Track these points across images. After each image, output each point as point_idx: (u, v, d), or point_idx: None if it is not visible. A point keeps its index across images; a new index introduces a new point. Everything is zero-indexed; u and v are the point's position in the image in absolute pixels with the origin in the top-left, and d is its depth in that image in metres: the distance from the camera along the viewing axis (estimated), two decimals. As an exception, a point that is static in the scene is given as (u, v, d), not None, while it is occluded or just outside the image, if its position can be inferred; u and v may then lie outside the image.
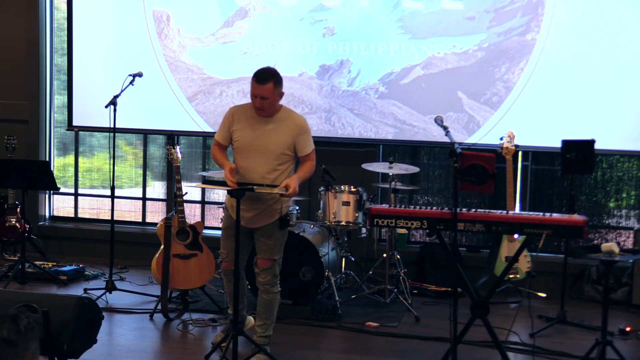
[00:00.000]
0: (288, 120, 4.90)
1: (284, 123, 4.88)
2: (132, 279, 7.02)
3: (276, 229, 4.93)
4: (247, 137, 4.87)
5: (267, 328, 5.03)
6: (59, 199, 8.41)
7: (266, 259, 4.95)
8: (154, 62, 7.56)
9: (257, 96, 4.77)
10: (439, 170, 7.44)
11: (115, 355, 5.14)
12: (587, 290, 6.73)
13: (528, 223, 4.53)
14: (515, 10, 6.86)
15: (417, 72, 7.08)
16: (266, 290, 4.99)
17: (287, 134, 4.85)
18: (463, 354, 4.89)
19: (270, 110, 4.84)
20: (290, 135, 4.85)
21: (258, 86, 4.75)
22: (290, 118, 4.93)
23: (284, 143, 4.84)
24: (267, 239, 4.93)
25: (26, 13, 7.91)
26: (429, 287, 6.80)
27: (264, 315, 5.02)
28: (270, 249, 4.95)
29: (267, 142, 4.83)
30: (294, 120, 4.92)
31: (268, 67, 4.94)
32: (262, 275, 4.97)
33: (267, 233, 4.92)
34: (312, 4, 7.23)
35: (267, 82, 4.75)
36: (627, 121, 6.74)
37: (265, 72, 4.81)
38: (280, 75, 4.88)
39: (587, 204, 7.18)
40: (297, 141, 4.87)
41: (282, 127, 4.86)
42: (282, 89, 4.88)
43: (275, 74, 4.85)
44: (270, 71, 4.86)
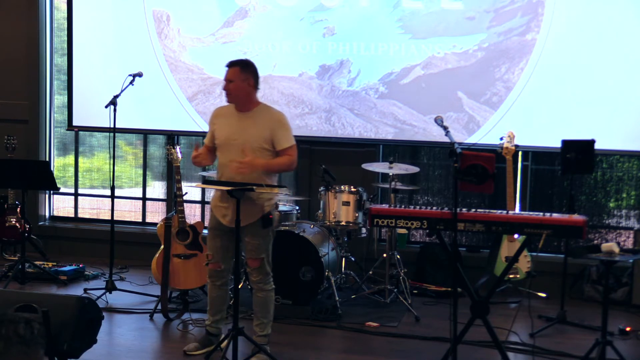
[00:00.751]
0: (265, 114, 4.95)
1: (260, 117, 4.92)
2: (132, 279, 7.02)
3: (259, 228, 4.89)
4: (224, 132, 4.93)
5: (265, 327, 5.03)
6: (59, 199, 8.41)
7: (254, 259, 4.95)
8: (154, 62, 7.56)
9: (225, 79, 4.92)
10: (439, 170, 7.44)
11: (115, 355, 5.14)
12: (587, 290, 6.73)
13: (528, 223, 4.53)
14: (515, 10, 6.86)
15: (417, 72, 7.08)
16: (260, 289, 5.00)
17: (264, 128, 4.87)
18: (463, 354, 4.88)
19: (237, 95, 4.91)
20: (268, 128, 4.87)
21: (227, 70, 4.92)
22: (268, 113, 4.98)
23: (261, 137, 4.85)
24: (252, 238, 4.91)
25: (26, 13, 7.91)
26: (429, 287, 6.80)
27: (260, 314, 5.03)
28: (256, 248, 4.93)
29: (244, 137, 4.85)
30: (271, 115, 4.97)
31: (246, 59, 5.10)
32: (253, 275, 4.99)
33: (251, 232, 4.90)
34: (312, 4, 7.23)
35: (234, 65, 4.91)
36: (627, 121, 6.74)
37: (238, 59, 5.01)
38: (252, 65, 4.97)
39: (587, 204, 7.18)
40: (274, 135, 4.87)
41: (259, 121, 4.90)
42: (254, 81, 4.94)
43: (244, 60, 5.01)
44: (242, 59, 5.03)
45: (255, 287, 5.02)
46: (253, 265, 4.97)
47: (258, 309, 5.04)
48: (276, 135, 4.87)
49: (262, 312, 5.03)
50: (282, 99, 7.32)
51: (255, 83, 4.96)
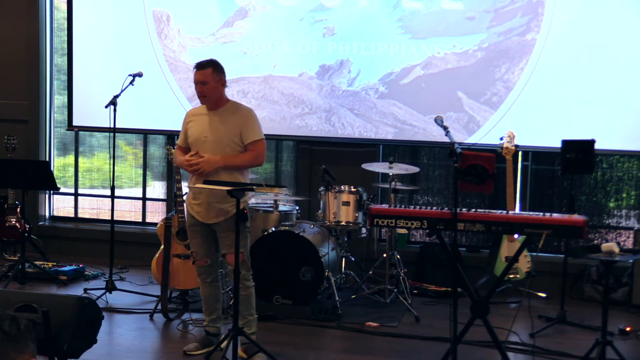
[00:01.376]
0: (234, 110, 5.02)
1: (229, 113, 4.98)
2: (132, 279, 7.02)
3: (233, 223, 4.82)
4: (196, 131, 4.98)
5: (251, 325, 5.01)
6: (59, 199, 8.41)
7: (231, 254, 4.87)
8: (154, 62, 7.56)
9: (198, 82, 4.94)
10: (439, 170, 7.44)
11: (115, 355, 5.14)
12: (587, 290, 6.73)
13: (528, 223, 4.52)
14: (515, 10, 6.86)
15: (417, 72, 7.08)
16: (242, 286, 4.93)
17: (233, 123, 4.93)
18: (463, 354, 4.88)
19: (212, 96, 4.96)
20: (236, 124, 4.93)
21: (197, 72, 4.96)
22: (237, 109, 5.04)
23: (231, 132, 4.91)
24: (229, 234, 4.87)
25: (26, 13, 7.91)
26: (429, 287, 6.80)
27: (244, 311, 4.98)
28: (232, 243, 4.82)
29: (214, 133, 4.92)
30: (241, 110, 5.04)
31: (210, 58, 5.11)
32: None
33: (227, 228, 4.88)
34: (312, 4, 7.23)
35: (206, 67, 4.95)
36: (627, 121, 6.74)
37: (205, 60, 5.03)
38: (220, 65, 5.04)
39: (587, 204, 7.18)
40: (242, 129, 4.93)
41: (228, 117, 4.96)
42: (224, 78, 5.02)
43: (214, 61, 5.03)
44: (211, 59, 5.05)
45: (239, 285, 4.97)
46: (232, 261, 4.85)
47: (241, 307, 4.94)
48: (244, 130, 4.93)
49: (247, 309, 4.99)
50: (282, 99, 7.32)
51: (225, 81, 5.06)
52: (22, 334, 1.87)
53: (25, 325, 1.89)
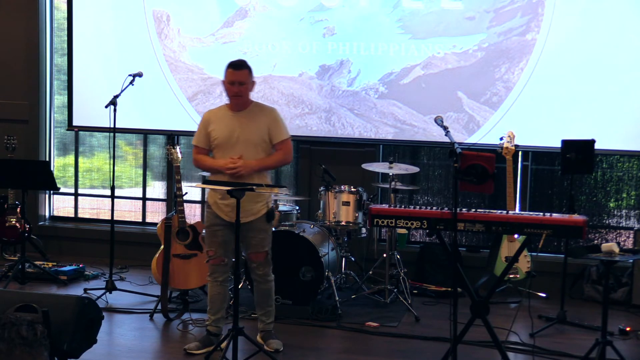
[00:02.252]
0: (260, 111, 5.10)
1: (256, 114, 5.06)
2: (132, 279, 7.02)
3: (264, 222, 5.06)
4: (223, 133, 5.03)
5: (270, 315, 5.21)
6: (59, 199, 8.41)
7: (259, 252, 5.08)
8: (154, 62, 7.56)
9: (235, 82, 4.98)
10: (439, 170, 7.43)
11: (115, 355, 5.14)
12: (587, 290, 6.73)
13: (528, 223, 4.52)
14: (515, 10, 6.86)
15: (417, 72, 7.08)
16: (264, 281, 5.15)
17: (261, 123, 5.03)
18: (463, 354, 4.89)
19: (245, 97, 5.04)
20: (264, 124, 5.03)
21: (235, 72, 4.99)
22: (262, 109, 5.14)
23: (260, 131, 5.01)
24: (257, 233, 5.05)
25: (26, 13, 7.91)
26: (429, 287, 6.80)
27: (265, 304, 5.19)
28: (261, 242, 5.08)
29: (244, 134, 4.99)
30: (266, 110, 5.14)
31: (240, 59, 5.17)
32: (259, 268, 5.11)
33: (256, 228, 5.03)
34: (312, 4, 7.23)
35: (243, 68, 5.01)
36: (627, 121, 6.74)
37: (239, 61, 5.09)
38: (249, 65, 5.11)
39: (587, 204, 7.18)
40: (270, 129, 5.03)
41: (255, 117, 5.04)
42: (254, 79, 5.11)
43: (245, 62, 5.09)
44: (243, 60, 5.11)
45: (259, 280, 5.15)
46: (258, 259, 5.09)
47: (261, 300, 5.18)
48: (272, 129, 5.03)
49: (267, 302, 5.19)
50: (282, 99, 7.32)
51: (254, 82, 5.15)
52: (38, 340, 1.87)
53: (41, 332, 1.90)
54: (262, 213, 5.03)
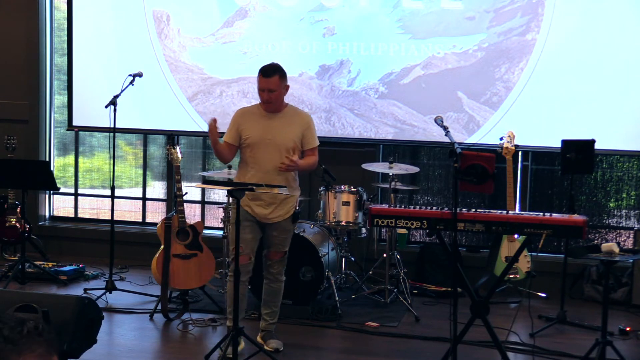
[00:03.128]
0: (295, 115, 5.14)
1: (291, 118, 5.10)
2: (132, 279, 7.02)
3: (289, 223, 5.15)
4: (257, 132, 5.04)
5: (274, 315, 5.25)
6: (59, 199, 8.41)
7: (279, 252, 5.16)
8: (154, 62, 7.56)
9: (265, 89, 4.98)
10: (439, 170, 7.44)
11: (115, 355, 5.14)
12: (587, 290, 6.73)
13: (528, 223, 4.53)
14: (515, 10, 6.86)
15: (417, 72, 7.08)
16: (276, 280, 5.21)
17: (295, 128, 5.07)
18: (463, 354, 4.89)
19: (277, 103, 5.06)
20: (299, 128, 5.08)
21: (265, 80, 4.98)
22: (297, 113, 5.19)
23: (294, 135, 5.05)
24: (281, 233, 5.12)
25: (26, 13, 7.91)
26: (429, 287, 6.80)
27: (272, 303, 5.22)
28: (283, 242, 5.16)
29: (277, 136, 5.02)
30: (301, 115, 5.19)
31: (272, 62, 5.17)
32: (274, 267, 5.17)
33: (282, 228, 5.11)
34: (312, 4, 7.23)
35: (273, 75, 5.00)
36: (627, 121, 6.74)
37: (270, 66, 5.08)
38: (284, 70, 5.11)
39: (587, 204, 7.18)
40: (304, 134, 5.10)
41: (289, 121, 5.08)
42: (287, 82, 5.12)
43: (279, 67, 5.09)
44: (275, 65, 5.10)
45: (272, 278, 5.21)
46: (277, 258, 5.17)
47: (270, 299, 5.23)
48: (307, 136, 5.11)
49: (274, 301, 5.24)
50: (282, 99, 7.31)
51: (288, 86, 5.16)
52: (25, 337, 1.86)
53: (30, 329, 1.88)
54: (290, 214, 5.11)
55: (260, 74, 5.02)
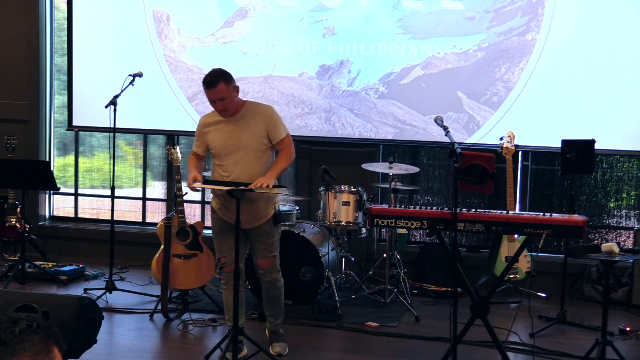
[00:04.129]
0: (254, 112, 4.90)
1: (251, 116, 4.88)
2: (132, 279, 7.02)
3: (271, 226, 4.95)
4: (220, 139, 4.88)
5: (278, 316, 5.16)
6: (59, 199, 8.41)
7: (267, 257, 4.97)
8: (154, 62, 7.56)
9: (215, 99, 4.78)
10: (439, 170, 7.43)
11: (115, 355, 5.14)
12: (587, 290, 6.73)
13: (528, 223, 4.52)
14: (515, 10, 6.87)
15: (417, 72, 7.08)
16: (273, 287, 5.07)
17: (258, 126, 4.85)
18: (463, 354, 4.89)
19: (232, 108, 4.84)
20: (262, 125, 4.85)
21: (210, 91, 4.77)
22: (256, 109, 4.93)
23: (258, 134, 4.84)
24: (265, 237, 4.95)
25: (26, 13, 7.91)
26: (429, 287, 6.80)
27: (273, 306, 5.13)
28: (269, 247, 4.98)
29: (241, 139, 4.83)
30: (261, 110, 4.93)
31: (213, 69, 4.91)
32: (267, 275, 5.01)
33: (264, 232, 4.94)
34: (312, 4, 7.23)
35: (217, 83, 4.75)
36: (627, 121, 6.74)
37: (211, 76, 4.81)
38: (227, 72, 4.86)
39: (587, 204, 7.18)
40: (268, 129, 4.85)
41: (250, 120, 4.86)
42: (235, 83, 4.86)
43: (221, 72, 4.84)
44: (216, 72, 4.84)
45: (268, 286, 5.06)
46: (266, 266, 4.97)
47: (271, 305, 5.14)
48: (270, 130, 4.86)
49: (276, 306, 5.14)
50: (282, 99, 7.32)
51: (238, 86, 4.90)
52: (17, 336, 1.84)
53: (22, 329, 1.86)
54: (269, 216, 4.91)
55: (204, 87, 4.78)
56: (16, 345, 1.82)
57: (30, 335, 1.84)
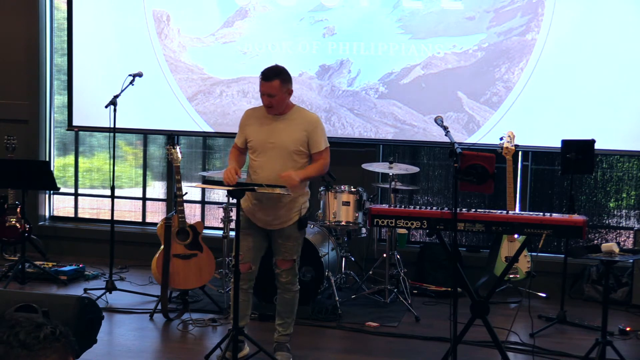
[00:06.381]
0: (300, 117, 4.89)
1: (296, 120, 4.86)
2: (132, 279, 7.02)
3: (295, 230, 4.89)
4: (260, 135, 4.87)
5: (288, 327, 5.04)
6: (59, 199, 8.41)
7: (286, 260, 4.92)
8: (154, 62, 7.56)
9: (265, 94, 4.80)
10: (439, 170, 7.43)
11: (115, 355, 5.14)
12: (587, 290, 6.73)
13: (528, 223, 4.52)
14: (515, 10, 6.87)
15: (417, 72, 7.08)
16: (287, 290, 4.97)
17: (299, 131, 4.82)
18: (463, 354, 4.89)
19: (279, 107, 4.83)
20: (304, 131, 4.82)
21: (265, 84, 4.79)
22: (303, 115, 4.92)
23: (298, 139, 4.81)
24: (287, 240, 4.89)
25: (26, 13, 7.91)
26: (429, 287, 6.80)
27: (284, 314, 5.02)
28: (290, 249, 4.91)
29: (281, 139, 4.81)
30: (307, 117, 4.91)
31: (276, 65, 4.93)
32: (282, 276, 4.94)
33: (287, 234, 4.88)
34: (312, 4, 7.23)
35: (273, 79, 4.77)
36: (627, 121, 6.74)
37: (271, 70, 4.84)
38: (287, 73, 4.88)
39: (587, 204, 7.18)
40: (310, 137, 4.82)
41: (294, 124, 4.84)
42: (291, 86, 4.88)
43: (281, 71, 4.85)
44: (277, 69, 4.86)
45: (283, 289, 4.98)
46: (284, 267, 4.92)
47: (283, 309, 5.02)
48: (312, 138, 4.82)
49: (287, 312, 5.02)
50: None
51: (292, 90, 4.91)
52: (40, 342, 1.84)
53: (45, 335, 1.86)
54: (294, 220, 4.86)
55: (261, 77, 4.81)
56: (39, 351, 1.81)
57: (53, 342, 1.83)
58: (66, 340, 1.87)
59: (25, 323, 1.86)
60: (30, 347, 1.81)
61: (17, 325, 1.85)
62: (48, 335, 1.85)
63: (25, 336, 1.83)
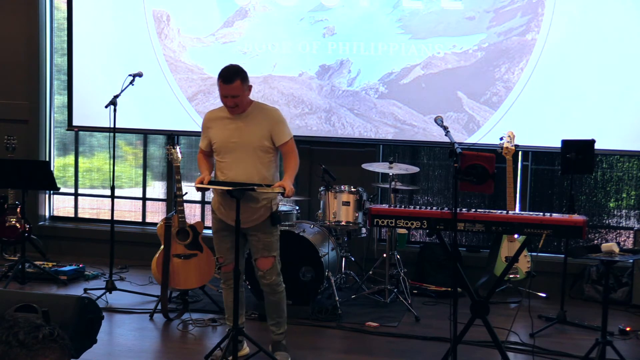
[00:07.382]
0: (261, 113, 4.87)
1: (257, 117, 4.84)
2: (132, 279, 7.02)
3: (269, 226, 4.88)
4: (221, 136, 4.86)
5: (281, 325, 5.04)
6: (59, 199, 8.41)
7: (266, 257, 4.90)
8: (154, 62, 7.56)
9: (228, 95, 4.75)
10: (439, 170, 7.44)
11: (115, 355, 5.14)
12: (587, 290, 6.73)
13: (528, 223, 4.52)
14: (515, 10, 6.87)
15: (417, 72, 7.08)
16: (273, 291, 4.96)
17: (261, 126, 4.81)
18: (463, 354, 4.89)
19: (243, 106, 4.82)
20: (265, 126, 4.81)
21: (226, 86, 4.73)
22: (262, 110, 4.90)
23: (260, 135, 4.80)
24: (263, 237, 4.88)
25: (26, 13, 7.91)
26: (429, 287, 6.80)
27: (274, 314, 5.02)
28: (267, 246, 4.90)
29: (244, 138, 4.80)
30: (267, 112, 4.90)
31: (230, 64, 4.86)
32: (266, 277, 4.92)
33: (261, 231, 4.88)
34: (312, 4, 7.23)
35: (234, 80, 4.72)
36: (627, 121, 6.74)
37: (229, 71, 4.77)
38: (244, 70, 4.82)
39: (587, 204, 7.18)
40: (273, 130, 4.81)
41: (256, 120, 4.83)
42: (249, 82, 4.84)
43: (239, 70, 4.80)
44: (234, 68, 4.80)
45: (268, 290, 4.97)
46: (265, 266, 4.89)
47: (271, 311, 5.02)
48: (275, 132, 4.82)
49: (277, 313, 5.02)
50: (282, 99, 7.32)
51: (251, 85, 4.88)
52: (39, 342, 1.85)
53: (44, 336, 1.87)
54: (265, 216, 4.85)
55: (220, 80, 4.73)
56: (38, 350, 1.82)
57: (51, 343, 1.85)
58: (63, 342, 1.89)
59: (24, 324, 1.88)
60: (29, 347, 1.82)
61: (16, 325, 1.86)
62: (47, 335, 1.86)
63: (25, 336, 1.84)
